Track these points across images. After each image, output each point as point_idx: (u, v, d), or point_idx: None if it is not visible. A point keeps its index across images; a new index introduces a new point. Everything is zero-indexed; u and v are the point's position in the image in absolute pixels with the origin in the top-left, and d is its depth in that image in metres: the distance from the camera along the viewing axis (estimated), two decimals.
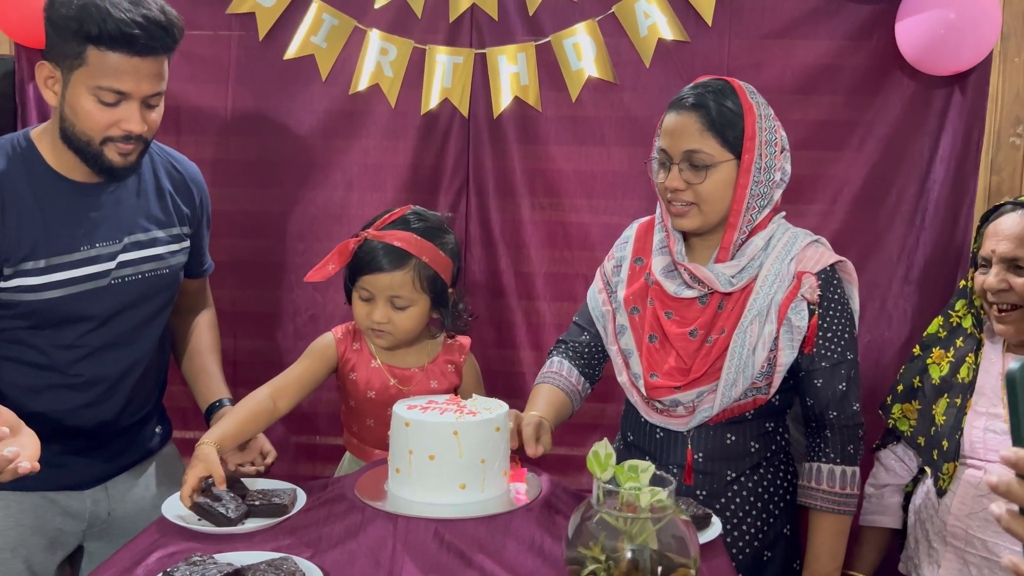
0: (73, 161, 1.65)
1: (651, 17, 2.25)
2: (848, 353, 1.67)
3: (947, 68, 2.17)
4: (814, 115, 2.26)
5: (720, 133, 1.62)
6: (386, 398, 1.78)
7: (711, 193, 1.63)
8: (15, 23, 2.25)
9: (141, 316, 1.77)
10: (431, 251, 1.75)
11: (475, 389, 1.87)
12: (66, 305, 1.66)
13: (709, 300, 1.68)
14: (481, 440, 1.46)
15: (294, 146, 2.38)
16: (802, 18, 2.24)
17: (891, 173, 2.28)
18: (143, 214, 1.75)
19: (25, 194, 1.62)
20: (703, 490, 1.72)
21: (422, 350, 1.85)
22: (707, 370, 1.66)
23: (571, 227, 2.37)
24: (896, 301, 2.30)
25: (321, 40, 2.31)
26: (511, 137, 2.34)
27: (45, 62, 1.59)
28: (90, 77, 1.55)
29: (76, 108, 1.58)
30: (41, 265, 1.62)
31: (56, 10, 1.55)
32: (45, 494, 1.73)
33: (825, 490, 1.67)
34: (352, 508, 1.45)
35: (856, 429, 1.69)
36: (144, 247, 1.74)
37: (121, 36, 1.53)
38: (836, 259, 1.69)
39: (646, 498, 1.24)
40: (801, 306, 1.64)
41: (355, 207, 2.38)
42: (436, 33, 2.31)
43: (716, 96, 1.64)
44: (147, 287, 1.76)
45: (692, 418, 1.69)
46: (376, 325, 1.75)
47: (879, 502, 1.96)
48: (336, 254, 1.77)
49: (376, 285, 1.73)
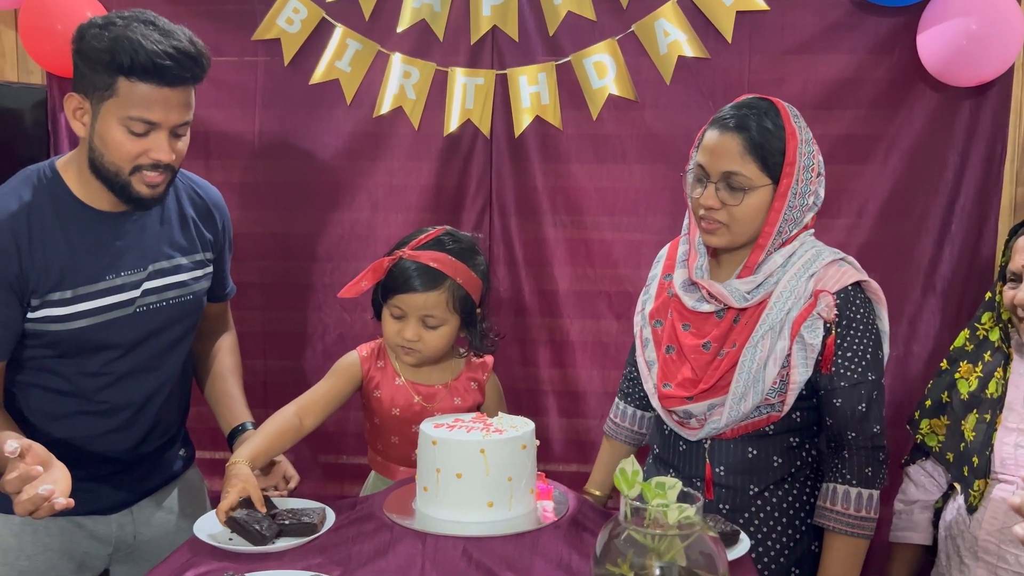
0: (99, 191, 1.67)
1: (671, 35, 2.26)
2: (870, 374, 1.65)
3: (970, 79, 2.16)
4: (837, 129, 2.26)
5: (760, 158, 1.62)
6: (410, 415, 1.80)
7: (745, 215, 1.63)
8: (48, 54, 2.31)
9: (165, 342, 1.79)
10: (464, 272, 1.77)
11: (497, 407, 1.89)
12: (92, 334, 1.68)
13: (725, 314, 1.68)
14: (508, 458, 1.47)
15: (320, 168, 2.42)
16: (822, 33, 2.25)
17: (916, 186, 2.27)
18: (167, 241, 1.77)
19: (52, 225, 1.64)
20: (726, 504, 1.71)
21: (446, 368, 1.87)
22: (716, 383, 1.66)
23: (593, 245, 2.39)
24: (923, 315, 2.29)
25: (345, 64, 2.35)
26: (533, 156, 2.36)
27: (74, 94, 1.62)
28: (120, 108, 1.58)
29: (106, 138, 1.60)
30: (68, 295, 1.64)
31: (87, 43, 1.58)
32: (72, 519, 1.74)
33: (840, 511, 1.65)
34: (381, 527, 1.47)
35: (876, 452, 1.66)
36: (168, 274, 1.77)
37: (153, 67, 1.55)
38: (859, 278, 1.67)
39: (673, 515, 1.24)
40: (816, 324, 1.63)
41: (381, 227, 2.41)
42: (457, 55, 2.34)
43: (759, 118, 1.63)
44: (171, 314, 1.78)
45: (702, 430, 1.69)
46: (407, 343, 1.77)
47: (909, 518, 1.94)
48: (370, 272, 1.80)
49: (410, 304, 1.75)
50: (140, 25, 1.57)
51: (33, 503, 1.35)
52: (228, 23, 2.37)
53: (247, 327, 2.12)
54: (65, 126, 2.41)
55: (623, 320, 2.36)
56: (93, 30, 1.58)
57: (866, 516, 1.65)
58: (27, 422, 1.69)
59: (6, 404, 1.68)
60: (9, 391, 1.70)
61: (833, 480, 1.67)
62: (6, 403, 1.68)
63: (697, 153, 1.69)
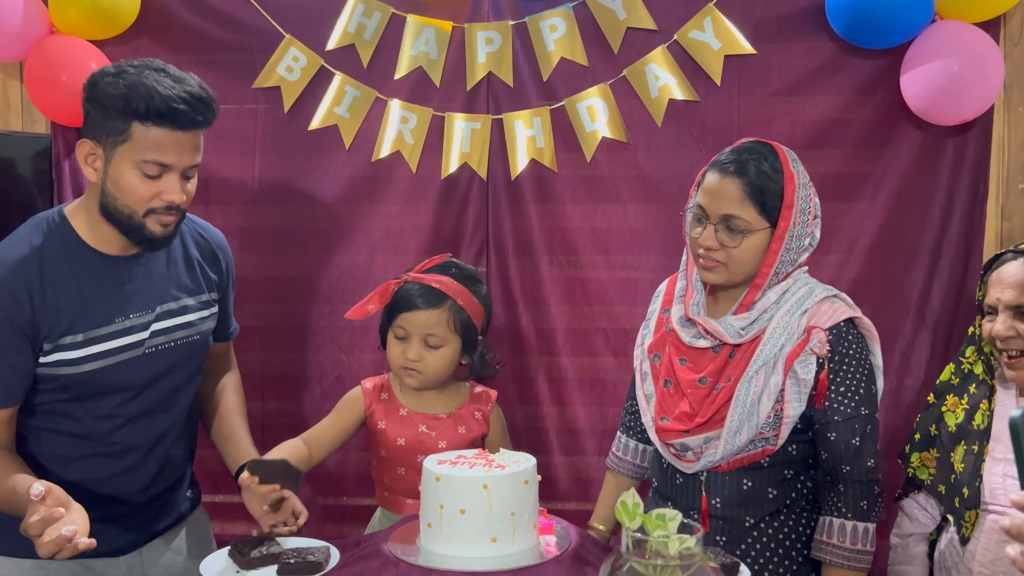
0: (109, 235, 1.70)
1: (661, 79, 2.32)
2: (863, 408, 1.67)
3: (953, 118, 2.22)
4: (825, 168, 2.31)
5: (759, 202, 1.66)
6: (415, 444, 1.84)
7: (743, 256, 1.68)
8: (52, 104, 2.36)
9: (175, 383, 1.82)
10: (466, 295, 1.85)
11: (502, 438, 1.94)
12: (103, 376, 1.70)
13: (721, 349, 1.71)
14: (511, 493, 1.49)
15: (319, 213, 2.46)
16: (808, 75, 2.31)
17: (904, 222, 2.31)
18: (174, 283, 1.81)
19: (63, 270, 1.67)
20: (722, 536, 1.73)
21: (450, 397, 1.92)
22: (712, 417, 1.68)
23: (589, 283, 2.42)
24: (914, 347, 2.32)
25: (344, 111, 2.40)
26: (528, 198, 2.40)
27: (86, 140, 1.66)
28: (134, 152, 1.62)
29: (120, 182, 1.64)
30: (79, 339, 1.67)
31: (101, 89, 1.62)
32: (82, 561, 1.75)
33: (836, 544, 1.66)
34: (387, 563, 1.48)
35: (871, 485, 1.68)
36: (176, 315, 1.80)
37: (168, 111, 1.60)
38: (851, 315, 1.70)
39: (675, 546, 1.25)
40: (809, 360, 1.66)
41: (379, 270, 2.44)
42: (454, 101, 2.39)
43: (759, 163, 1.67)
44: (180, 354, 1.81)
45: (699, 463, 1.71)
46: (409, 363, 1.83)
47: (905, 552, 1.95)
48: (377, 295, 1.88)
49: (413, 323, 1.83)
50: (152, 72, 1.62)
51: (56, 544, 1.37)
52: (229, 72, 2.42)
53: (245, 370, 2.13)
54: (69, 174, 2.45)
55: (620, 357, 2.39)
56: (107, 78, 1.62)
57: (862, 549, 1.66)
58: (39, 465, 1.70)
59: (17, 448, 1.69)
60: (21, 435, 1.71)
61: (829, 513, 1.69)
62: (17, 447, 1.70)
63: (697, 194, 1.73)
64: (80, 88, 1.67)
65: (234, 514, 2.53)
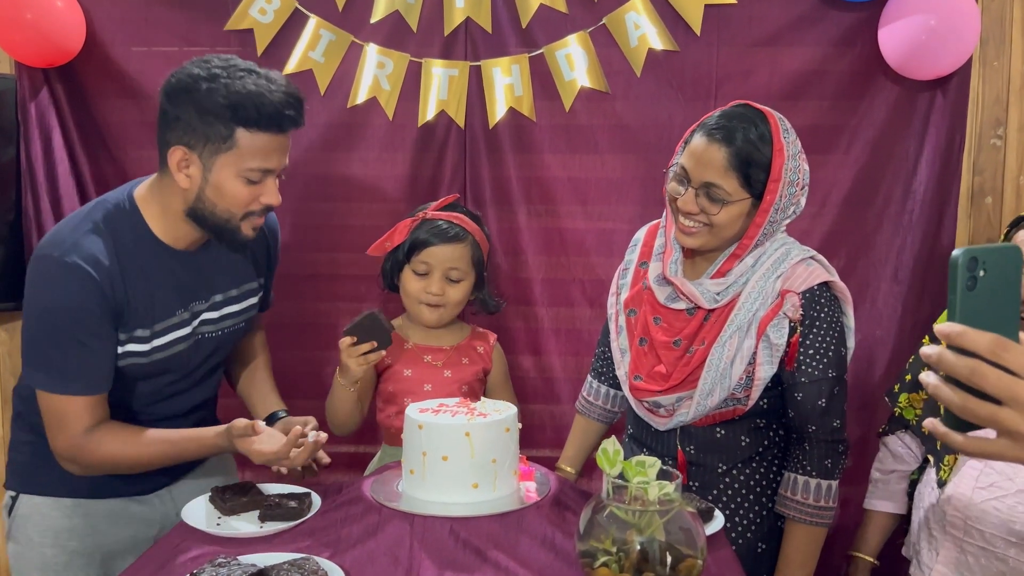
0: (185, 232, 1.69)
1: (641, 28, 2.30)
2: (831, 371, 1.68)
3: (929, 73, 2.23)
4: (802, 120, 2.29)
5: (744, 173, 1.62)
6: (421, 373, 1.94)
7: (723, 223, 1.66)
8: (17, 43, 2.28)
9: (214, 362, 1.86)
10: (479, 232, 1.96)
11: (503, 374, 2.04)
12: (159, 365, 1.72)
13: (696, 312, 1.72)
14: (492, 440, 1.51)
15: (294, 159, 2.37)
16: (788, 26, 2.31)
17: (878, 176, 2.34)
18: (228, 273, 1.81)
19: (136, 263, 1.65)
20: (695, 481, 1.77)
21: (453, 333, 2.01)
22: (685, 379, 1.70)
23: (567, 233, 2.43)
24: (886, 300, 2.36)
25: (319, 55, 2.36)
26: (507, 147, 2.39)
27: (178, 146, 1.60)
28: (240, 159, 1.59)
29: (223, 189, 1.61)
30: (147, 333, 1.68)
31: (202, 96, 1.56)
32: (119, 500, 1.80)
33: (800, 501, 1.70)
34: (369, 509, 1.49)
35: (836, 444, 1.70)
36: (225, 305, 1.81)
37: (277, 116, 1.59)
38: (826, 279, 1.70)
39: (654, 492, 1.29)
40: (782, 323, 1.66)
41: (355, 217, 2.43)
42: (432, 47, 2.36)
43: (747, 131, 1.62)
44: (225, 340, 1.84)
45: (671, 420, 1.74)
46: (432, 298, 1.90)
47: (885, 488, 2.00)
48: (395, 232, 1.92)
49: (437, 257, 1.89)
50: (247, 75, 1.59)
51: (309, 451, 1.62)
52: (200, 13, 2.37)
53: None
54: (35, 117, 2.39)
55: (596, 307, 2.41)
56: (203, 83, 1.57)
57: (825, 506, 1.69)
58: None
59: None
60: None
61: (794, 470, 1.72)
62: None
63: (682, 154, 1.70)
64: (45, 26, 1.61)
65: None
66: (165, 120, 1.62)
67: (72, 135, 2.42)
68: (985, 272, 0.87)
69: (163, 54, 2.39)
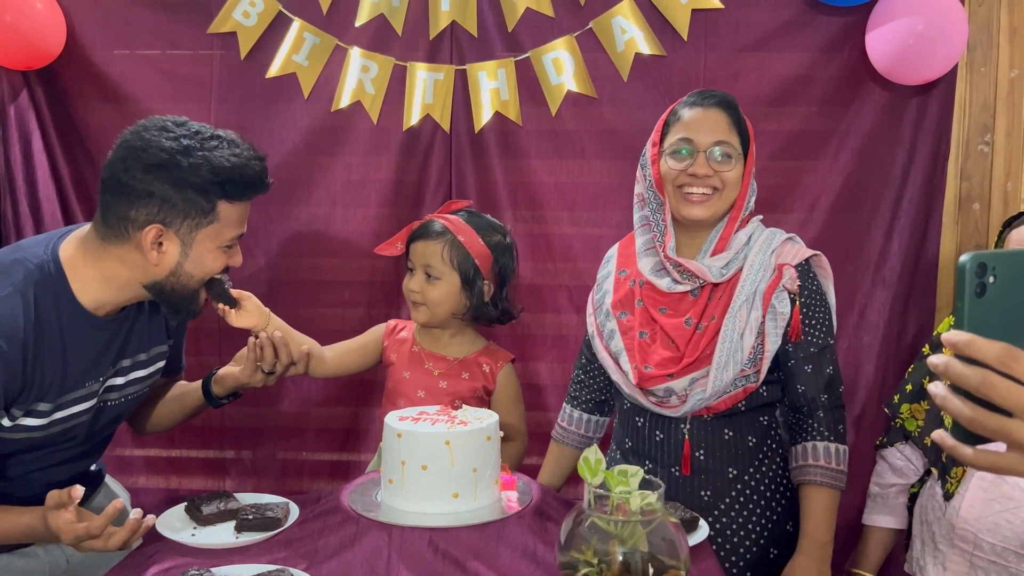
0: (114, 299, 1.58)
1: (628, 32, 2.29)
2: (829, 339, 1.77)
3: (916, 78, 2.22)
4: (789, 126, 2.31)
5: (741, 133, 1.76)
6: (419, 379, 1.94)
7: (732, 182, 1.74)
8: None
9: (110, 431, 1.77)
10: (468, 233, 1.91)
11: (510, 400, 1.97)
12: (54, 436, 1.60)
13: (700, 292, 1.75)
14: (473, 449, 1.48)
15: (277, 163, 2.38)
16: (775, 31, 2.29)
17: (866, 181, 2.33)
18: (139, 336, 1.70)
19: (54, 334, 1.53)
20: (707, 490, 1.76)
21: (463, 344, 1.98)
22: (699, 355, 1.71)
23: (553, 239, 2.41)
24: (874, 306, 2.35)
25: (303, 58, 2.33)
26: (493, 151, 2.37)
27: (153, 225, 1.50)
28: (221, 231, 1.56)
29: (203, 262, 1.56)
30: (50, 406, 1.55)
31: (181, 172, 1.49)
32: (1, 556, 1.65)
33: (823, 466, 1.72)
34: (346, 520, 1.47)
35: (842, 410, 1.78)
36: (132, 370, 1.70)
37: (259, 185, 1.57)
38: (811, 253, 1.79)
39: (636, 501, 1.26)
40: (783, 295, 1.73)
41: (339, 222, 2.40)
42: (416, 50, 2.34)
43: (728, 98, 1.78)
44: (127, 408, 1.75)
45: (685, 406, 1.73)
46: (412, 295, 1.94)
47: (884, 503, 1.97)
48: (403, 232, 1.99)
49: (416, 252, 1.94)
50: (217, 144, 1.53)
51: (129, 530, 1.39)
52: (183, 16, 2.35)
53: (204, 324, 2.10)
54: (14, 119, 2.36)
55: (583, 313, 2.37)
56: (181, 159, 1.49)
57: (842, 470, 1.74)
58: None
59: None
60: None
61: (810, 439, 1.75)
62: None
63: (672, 133, 1.76)
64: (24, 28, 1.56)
65: (191, 469, 2.52)
66: (129, 195, 1.50)
67: (52, 139, 2.39)
68: (995, 279, 0.83)
69: (145, 57, 2.37)
